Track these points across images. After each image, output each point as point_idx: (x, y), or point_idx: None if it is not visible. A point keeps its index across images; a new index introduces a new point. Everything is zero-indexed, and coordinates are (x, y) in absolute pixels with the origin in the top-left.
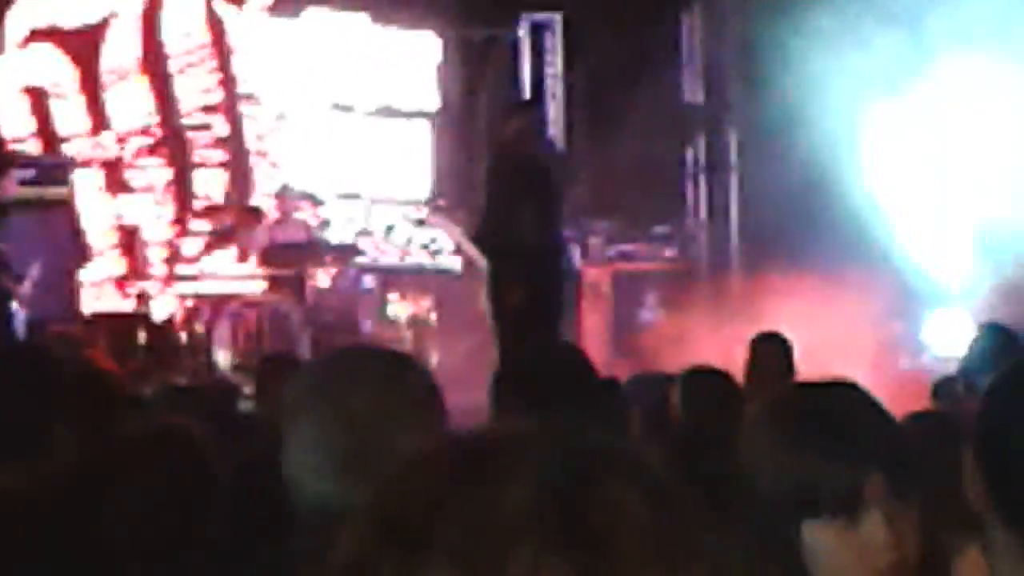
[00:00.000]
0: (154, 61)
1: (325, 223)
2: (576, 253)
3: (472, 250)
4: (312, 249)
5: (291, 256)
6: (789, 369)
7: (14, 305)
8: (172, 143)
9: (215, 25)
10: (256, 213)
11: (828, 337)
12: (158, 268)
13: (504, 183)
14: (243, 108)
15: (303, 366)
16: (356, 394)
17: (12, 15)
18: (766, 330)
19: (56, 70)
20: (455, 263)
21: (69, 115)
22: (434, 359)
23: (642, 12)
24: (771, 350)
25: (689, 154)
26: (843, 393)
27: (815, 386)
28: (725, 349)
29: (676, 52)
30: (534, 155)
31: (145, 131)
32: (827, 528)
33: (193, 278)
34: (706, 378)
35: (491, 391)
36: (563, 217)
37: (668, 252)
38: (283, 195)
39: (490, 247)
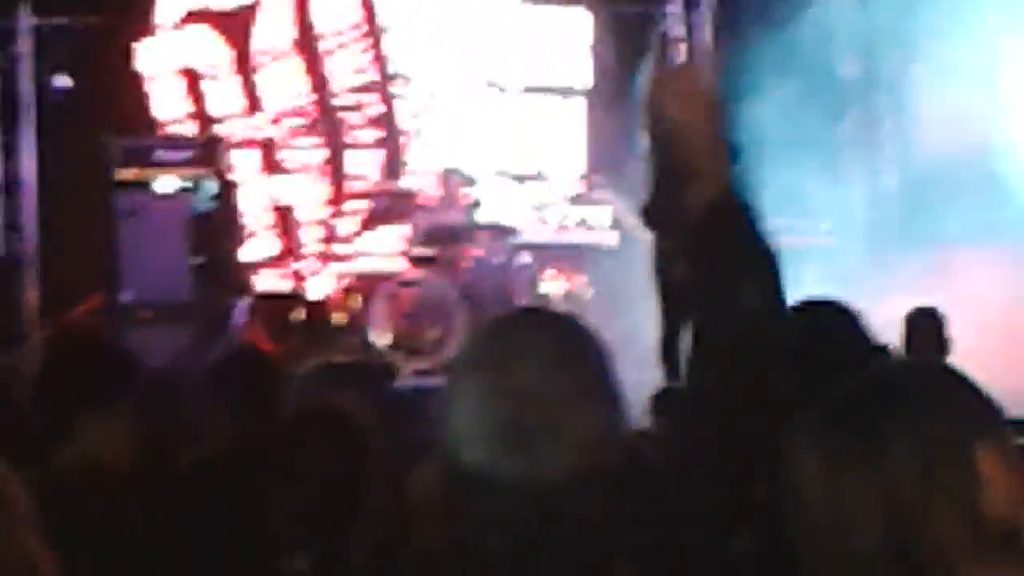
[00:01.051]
0: (306, 41)
1: (478, 202)
2: None
3: (636, 225)
4: (468, 228)
5: (448, 235)
6: (943, 344)
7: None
8: (325, 123)
9: (367, 5)
10: (410, 193)
11: (984, 313)
12: (313, 247)
13: (670, 157)
14: (395, 88)
15: (482, 325)
16: (523, 367)
17: None
18: (922, 305)
19: (210, 51)
20: (611, 239)
21: (223, 96)
22: None
23: None
24: (927, 325)
25: (842, 128)
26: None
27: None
28: (882, 325)
29: (828, 24)
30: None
31: (299, 111)
32: None
33: (348, 257)
34: None
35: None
36: None
37: (822, 227)
38: (448, 176)
39: (656, 222)
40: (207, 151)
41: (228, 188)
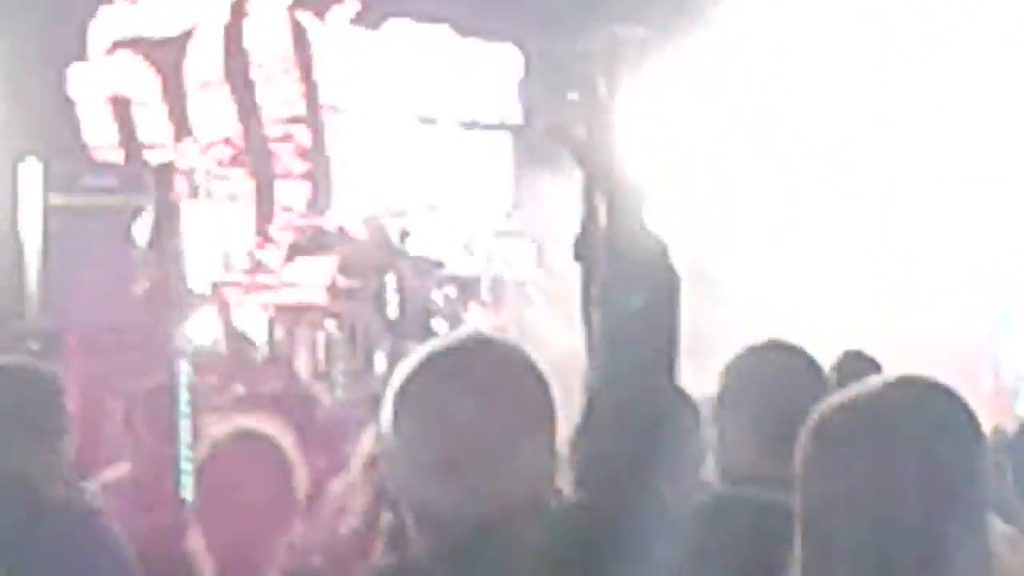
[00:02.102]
0: (237, 71)
1: (406, 234)
2: None
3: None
4: (393, 261)
5: (372, 268)
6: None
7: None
8: (254, 153)
9: (298, 36)
10: (337, 225)
11: (903, 350)
12: (238, 277)
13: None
14: (325, 119)
15: (416, 354)
16: (461, 399)
17: (96, 25)
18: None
19: (140, 79)
20: (535, 275)
21: (152, 124)
22: None
23: None
24: (860, 368)
25: None
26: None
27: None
28: None
29: None
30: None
31: (227, 141)
32: None
33: (273, 288)
34: None
35: None
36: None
37: None
38: (372, 217)
39: (586, 255)
40: (139, 177)
41: (169, 213)
